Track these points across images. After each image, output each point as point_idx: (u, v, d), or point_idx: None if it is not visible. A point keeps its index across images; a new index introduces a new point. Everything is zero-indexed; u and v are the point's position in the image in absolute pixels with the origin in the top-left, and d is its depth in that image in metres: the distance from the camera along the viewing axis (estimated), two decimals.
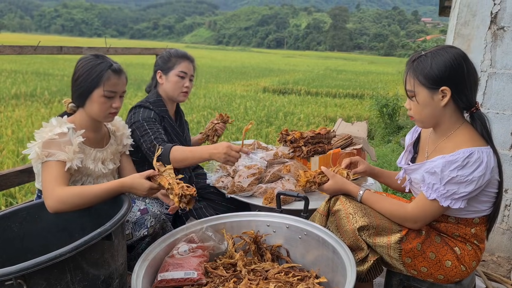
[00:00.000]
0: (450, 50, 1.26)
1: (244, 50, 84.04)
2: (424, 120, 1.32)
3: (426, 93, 1.26)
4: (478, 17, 2.16)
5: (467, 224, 1.34)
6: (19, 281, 0.98)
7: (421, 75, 1.26)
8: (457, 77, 1.23)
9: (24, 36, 56.41)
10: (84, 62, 1.55)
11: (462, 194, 1.22)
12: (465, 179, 1.20)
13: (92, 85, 1.52)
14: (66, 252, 1.03)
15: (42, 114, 7.38)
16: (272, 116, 8.52)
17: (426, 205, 1.29)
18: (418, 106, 1.29)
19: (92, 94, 1.54)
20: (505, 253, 2.40)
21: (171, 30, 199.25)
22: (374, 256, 1.40)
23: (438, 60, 1.24)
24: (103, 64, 1.54)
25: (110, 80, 1.54)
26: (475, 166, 1.20)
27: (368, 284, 1.52)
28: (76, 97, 1.57)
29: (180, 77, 2.01)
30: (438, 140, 1.36)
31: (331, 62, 37.95)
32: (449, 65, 1.23)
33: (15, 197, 3.74)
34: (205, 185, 2.24)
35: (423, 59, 1.27)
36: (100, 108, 1.55)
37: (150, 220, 1.63)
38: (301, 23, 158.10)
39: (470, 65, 1.26)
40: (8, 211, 1.40)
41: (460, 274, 1.35)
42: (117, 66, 1.58)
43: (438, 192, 1.25)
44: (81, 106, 1.58)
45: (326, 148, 2.28)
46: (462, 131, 1.29)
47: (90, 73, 1.52)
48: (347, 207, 1.42)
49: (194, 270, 1.38)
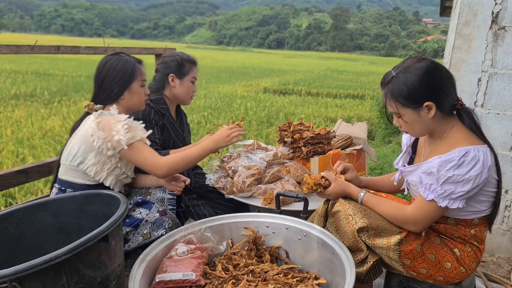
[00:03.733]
0: (419, 66, 1.25)
1: (245, 51, 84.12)
2: (419, 133, 1.37)
3: (412, 112, 1.28)
4: (479, 17, 2.15)
5: (467, 225, 1.33)
6: (14, 284, 0.96)
7: (400, 98, 1.27)
8: (435, 89, 1.25)
9: (24, 36, 56.48)
10: (112, 61, 1.70)
11: (459, 193, 1.22)
12: (462, 178, 1.20)
13: (130, 79, 1.69)
14: (62, 254, 1.02)
15: (42, 114, 7.37)
16: (273, 116, 8.52)
17: (425, 207, 1.29)
18: (408, 124, 1.32)
19: (131, 87, 1.71)
20: (505, 254, 2.38)
21: (171, 30, 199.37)
22: (374, 257, 1.39)
23: (411, 79, 1.24)
24: (130, 60, 1.72)
25: (141, 71, 1.75)
26: (472, 165, 1.20)
27: (368, 285, 1.51)
28: (114, 94, 1.68)
29: (192, 82, 2.12)
30: (433, 143, 1.37)
31: (332, 63, 37.97)
32: (424, 81, 1.23)
33: (14, 198, 3.73)
34: (204, 185, 2.24)
35: (396, 81, 1.27)
36: (140, 97, 1.75)
37: (168, 222, 1.71)
38: (302, 23, 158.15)
39: (442, 70, 1.26)
40: (4, 212, 1.39)
41: (460, 275, 1.34)
42: (139, 59, 1.78)
43: (435, 193, 1.25)
44: (115, 101, 1.70)
45: (326, 148, 2.27)
46: (456, 131, 1.30)
47: (125, 70, 1.68)
48: (347, 208, 1.41)
49: (192, 272, 1.37)
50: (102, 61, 1.71)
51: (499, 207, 1.36)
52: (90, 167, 1.62)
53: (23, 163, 4.54)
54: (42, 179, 3.93)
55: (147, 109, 1.96)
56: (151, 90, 2.12)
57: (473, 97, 2.25)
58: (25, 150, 4.92)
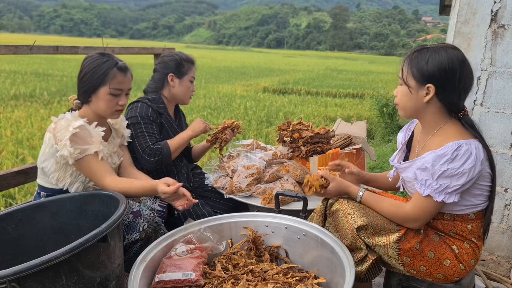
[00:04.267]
0: (451, 51, 1.27)
1: (244, 50, 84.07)
2: (406, 110, 1.36)
3: (414, 86, 1.30)
4: (478, 15, 2.15)
5: (463, 221, 1.34)
6: (13, 285, 0.96)
7: (415, 68, 1.29)
8: (446, 79, 1.25)
9: (23, 37, 56.40)
10: (90, 60, 1.59)
11: (454, 187, 1.23)
12: (456, 172, 1.21)
13: (98, 83, 1.56)
14: (61, 255, 1.02)
15: (42, 115, 7.36)
16: (272, 116, 8.51)
17: (423, 203, 1.30)
18: (404, 95, 1.33)
19: (99, 91, 1.57)
20: (504, 252, 2.38)
21: (171, 30, 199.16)
22: (373, 256, 1.39)
23: (435, 58, 1.26)
24: (109, 62, 1.58)
25: (116, 78, 1.58)
26: (465, 158, 1.21)
27: (368, 284, 1.51)
28: (82, 94, 1.60)
29: (191, 82, 2.11)
30: (426, 138, 1.37)
31: (331, 62, 37.96)
32: (443, 66, 1.24)
33: (14, 198, 3.73)
34: (203, 184, 2.23)
35: (423, 53, 1.29)
36: (107, 105, 1.59)
37: (143, 224, 1.59)
38: (301, 22, 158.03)
39: (466, 71, 1.27)
40: (2, 212, 1.38)
41: (459, 273, 1.34)
42: (122, 64, 1.62)
43: (431, 188, 1.26)
44: (86, 103, 1.62)
45: (325, 148, 2.27)
46: (448, 127, 1.31)
47: (96, 71, 1.55)
48: (346, 207, 1.41)
49: (192, 271, 1.37)
50: (85, 57, 1.63)
51: (494, 203, 1.36)
52: (52, 173, 1.56)
53: (23, 163, 4.53)
54: None
55: (145, 107, 1.96)
56: (150, 90, 2.11)
57: (473, 96, 2.25)
58: (24, 151, 4.92)
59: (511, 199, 2.30)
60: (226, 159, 2.34)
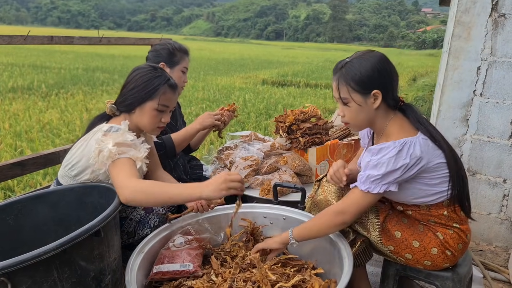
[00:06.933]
0: (373, 54, 1.31)
1: (243, 42, 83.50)
2: (360, 124, 1.37)
3: (359, 98, 1.29)
4: (479, 3, 2.12)
5: (438, 208, 1.35)
6: (2, 279, 0.95)
7: (352, 82, 1.28)
8: (385, 79, 1.28)
9: (20, 29, 55.80)
10: (142, 72, 1.55)
11: (377, 177, 1.23)
12: (377, 162, 1.23)
13: (146, 96, 1.52)
14: (51, 250, 1.00)
15: (40, 107, 7.33)
16: (271, 108, 8.48)
17: (349, 194, 1.32)
18: (353, 111, 1.32)
19: (145, 105, 1.53)
20: (502, 243, 2.39)
21: (169, 22, 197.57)
22: (361, 238, 1.44)
23: (365, 64, 1.28)
24: (161, 78, 1.55)
25: (165, 94, 1.54)
26: (387, 151, 1.23)
27: (361, 269, 1.55)
28: (126, 104, 1.55)
29: (183, 72, 2.05)
30: (378, 139, 1.39)
31: (331, 54, 37.73)
32: (376, 68, 1.27)
33: (13, 191, 3.73)
34: (201, 176, 2.23)
35: (351, 65, 1.29)
36: (150, 121, 1.54)
37: (154, 220, 1.60)
38: (300, 14, 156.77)
39: (391, 65, 1.31)
40: (2, 203, 1.37)
41: (448, 259, 1.35)
42: (173, 82, 1.59)
43: (358, 179, 1.29)
44: (127, 113, 1.56)
45: (323, 139, 2.26)
46: (392, 125, 1.32)
47: (147, 85, 1.52)
48: (327, 194, 1.46)
49: (190, 263, 1.37)
50: (135, 67, 1.60)
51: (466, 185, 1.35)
52: (85, 182, 1.53)
53: (21, 156, 4.52)
54: (41, 172, 3.92)
55: None
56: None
57: (472, 86, 2.24)
58: (23, 144, 4.90)
59: (510, 190, 2.30)
60: (224, 150, 2.33)
